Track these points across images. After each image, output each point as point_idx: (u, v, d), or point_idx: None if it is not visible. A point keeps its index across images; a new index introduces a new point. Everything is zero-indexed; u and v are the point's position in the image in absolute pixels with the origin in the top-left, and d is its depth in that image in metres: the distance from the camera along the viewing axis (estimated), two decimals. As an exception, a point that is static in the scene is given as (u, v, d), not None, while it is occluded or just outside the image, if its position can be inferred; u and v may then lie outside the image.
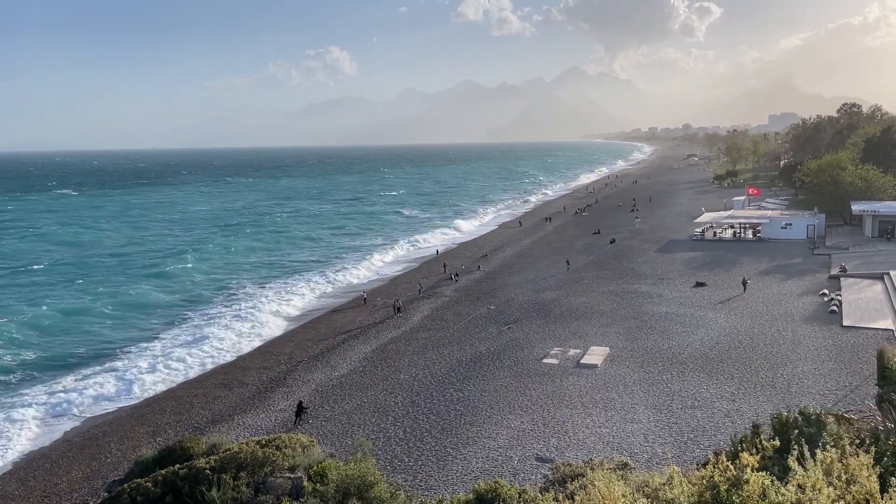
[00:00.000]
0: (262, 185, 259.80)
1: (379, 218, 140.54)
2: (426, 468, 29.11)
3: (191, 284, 77.39)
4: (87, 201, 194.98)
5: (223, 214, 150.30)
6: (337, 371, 44.18)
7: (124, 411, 40.54)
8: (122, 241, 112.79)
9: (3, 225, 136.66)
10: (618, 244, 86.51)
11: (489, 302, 60.40)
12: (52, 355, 51.84)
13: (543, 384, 38.29)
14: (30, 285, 78.25)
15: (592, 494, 11.27)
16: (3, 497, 30.35)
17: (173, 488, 15.42)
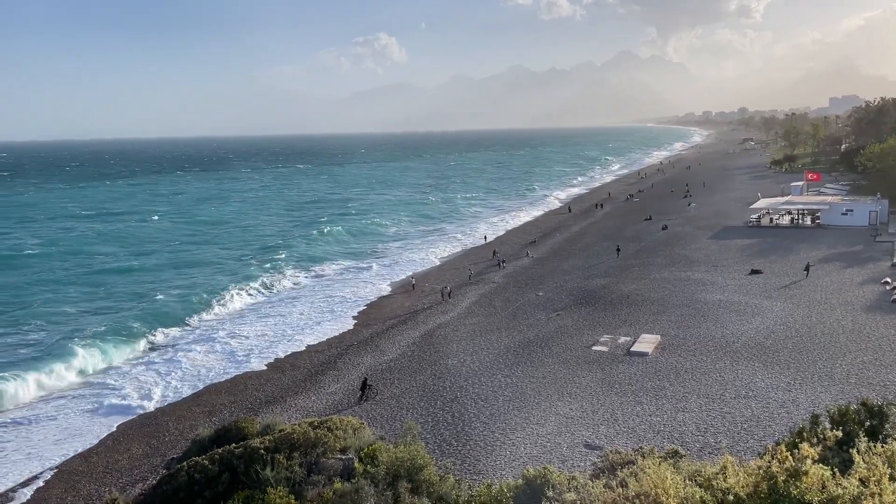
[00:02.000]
0: (322, 172, 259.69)
1: (439, 205, 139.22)
2: (474, 453, 29.23)
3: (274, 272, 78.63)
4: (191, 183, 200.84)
5: (298, 203, 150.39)
6: (386, 355, 44.62)
7: (182, 391, 41.71)
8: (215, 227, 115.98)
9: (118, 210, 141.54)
10: (670, 230, 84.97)
11: (538, 288, 60.09)
12: (125, 333, 53.49)
13: (593, 371, 37.99)
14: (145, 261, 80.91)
15: (644, 482, 11.15)
16: (68, 472, 31.63)
17: (229, 467, 15.83)
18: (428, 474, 15.81)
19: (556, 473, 15.06)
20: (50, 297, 65.81)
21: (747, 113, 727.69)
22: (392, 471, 15.65)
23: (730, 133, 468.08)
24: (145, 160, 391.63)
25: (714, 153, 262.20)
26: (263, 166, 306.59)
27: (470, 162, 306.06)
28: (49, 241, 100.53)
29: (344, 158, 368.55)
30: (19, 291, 68.83)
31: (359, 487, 14.62)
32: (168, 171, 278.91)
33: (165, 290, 67.79)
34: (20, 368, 44.28)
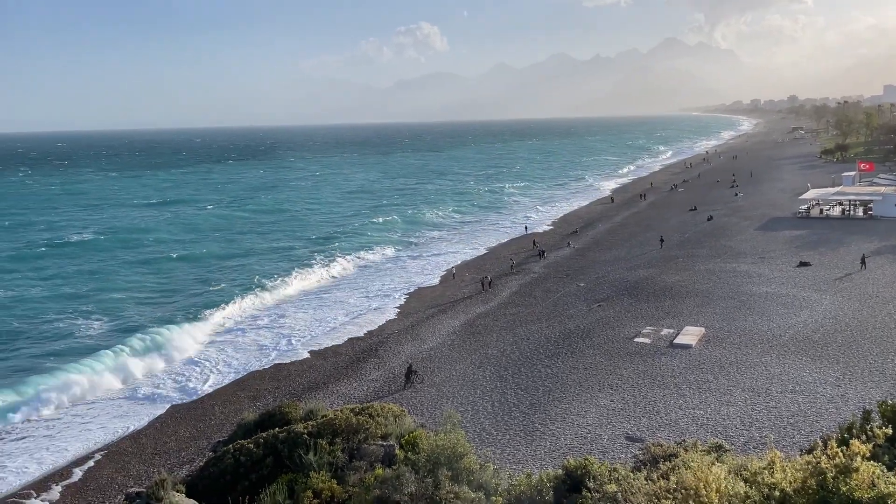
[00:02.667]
0: (369, 161, 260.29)
1: (485, 195, 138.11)
2: (514, 442, 29.26)
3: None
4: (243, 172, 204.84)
5: (347, 192, 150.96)
6: (426, 344, 44.86)
7: (228, 376, 42.59)
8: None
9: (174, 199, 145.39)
10: (715, 221, 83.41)
11: (579, 279, 59.64)
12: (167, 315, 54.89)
13: (635, 363, 37.62)
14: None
15: (686, 476, 11.03)
16: (118, 452, 32.64)
17: (273, 450, 16.13)
18: (468, 462, 15.85)
19: (596, 464, 14.97)
20: (108, 284, 67.48)
21: (797, 101, 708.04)
22: (432, 458, 15.73)
23: (779, 122, 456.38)
24: (195, 150, 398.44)
25: (762, 142, 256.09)
26: (310, 156, 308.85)
27: (515, 151, 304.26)
28: (110, 227, 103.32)
29: (388, 148, 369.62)
30: (84, 277, 70.73)
31: (400, 474, 14.74)
32: (217, 161, 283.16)
33: (218, 277, 69.41)
34: (78, 352, 45.77)
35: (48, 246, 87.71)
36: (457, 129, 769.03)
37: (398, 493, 14.42)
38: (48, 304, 59.86)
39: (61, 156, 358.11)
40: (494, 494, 14.82)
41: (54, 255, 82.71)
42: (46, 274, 72.43)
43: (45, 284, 67.85)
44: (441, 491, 14.56)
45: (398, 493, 14.42)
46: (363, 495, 14.47)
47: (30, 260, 79.82)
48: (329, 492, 14.55)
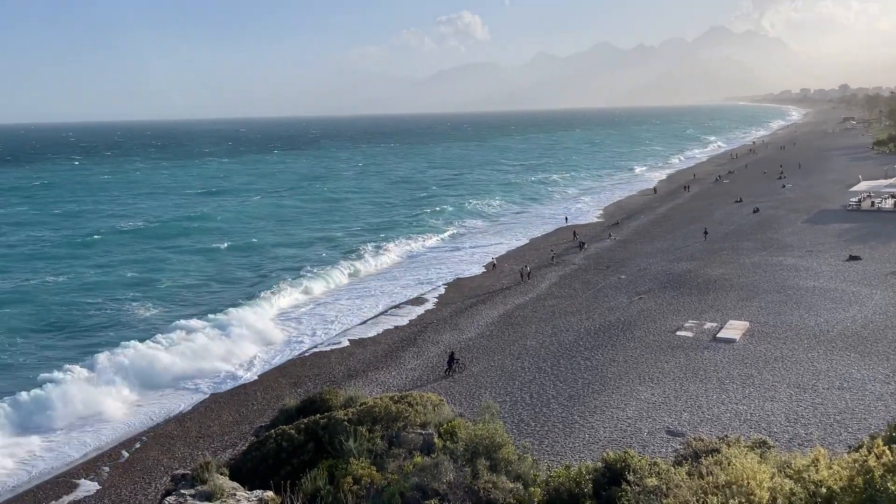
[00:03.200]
0: (412, 152, 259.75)
1: (530, 186, 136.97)
2: (552, 434, 29.17)
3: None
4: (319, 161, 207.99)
5: (393, 183, 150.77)
6: (465, 334, 44.93)
7: (270, 362, 43.29)
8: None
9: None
10: (762, 213, 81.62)
11: (620, 271, 59.01)
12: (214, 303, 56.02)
13: (676, 357, 37.13)
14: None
15: (728, 472, 10.88)
16: (164, 435, 33.50)
17: (314, 436, 16.37)
18: (506, 453, 15.89)
19: (636, 458, 14.86)
20: (160, 272, 68.73)
21: (849, 90, 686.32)
22: (471, 448, 15.81)
23: (829, 112, 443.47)
24: (240, 139, 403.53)
25: (811, 133, 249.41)
26: (353, 146, 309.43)
27: (560, 141, 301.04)
28: (161, 216, 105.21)
29: (431, 138, 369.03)
30: (136, 264, 72.05)
31: (438, 462, 14.84)
32: (261, 151, 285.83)
33: (266, 265, 70.40)
34: (130, 336, 47.01)
35: (101, 233, 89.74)
36: (498, 119, 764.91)
37: (437, 481, 14.53)
38: (105, 291, 60.92)
39: (112, 145, 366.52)
40: (532, 485, 14.82)
41: (108, 242, 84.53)
42: (101, 261, 73.90)
43: (100, 270, 69.33)
44: (479, 480, 14.63)
45: (437, 481, 14.53)
46: (402, 482, 14.60)
47: (84, 247, 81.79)
48: (368, 478, 14.72)
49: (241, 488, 14.47)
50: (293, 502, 13.47)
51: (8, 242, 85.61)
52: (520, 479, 15.15)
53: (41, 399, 36.17)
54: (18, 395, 36.56)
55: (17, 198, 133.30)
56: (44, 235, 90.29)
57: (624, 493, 13.14)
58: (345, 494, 14.19)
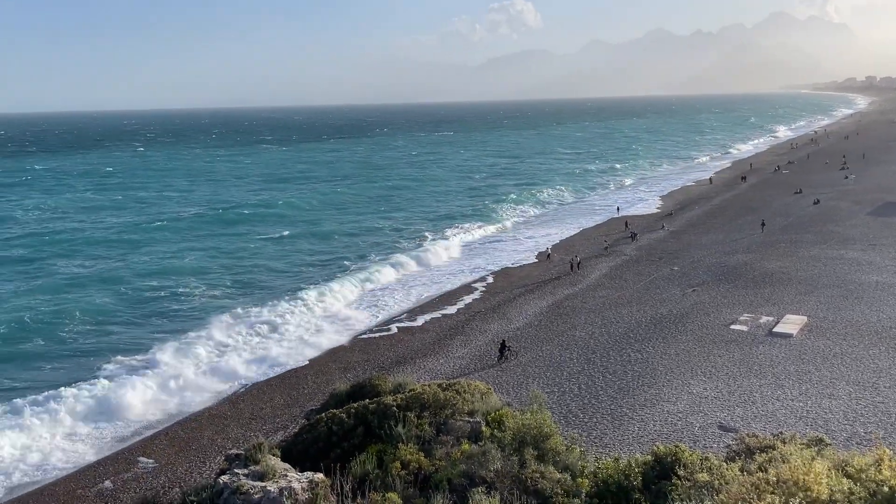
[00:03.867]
0: (469, 140, 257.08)
1: (589, 176, 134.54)
2: (601, 426, 28.93)
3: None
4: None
5: (453, 172, 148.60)
6: (513, 324, 44.82)
7: (321, 347, 43.94)
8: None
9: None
10: (822, 205, 79.03)
11: (672, 263, 57.97)
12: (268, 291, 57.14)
13: (730, 351, 36.35)
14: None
15: (783, 469, 10.60)
16: (217, 416, 34.42)
17: (364, 421, 16.56)
18: (554, 443, 15.80)
19: (687, 452, 14.60)
20: (224, 259, 69.89)
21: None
22: (518, 437, 15.78)
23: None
24: (294, 128, 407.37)
25: (877, 122, 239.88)
26: (408, 134, 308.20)
27: (617, 129, 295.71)
28: (226, 203, 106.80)
29: (485, 126, 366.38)
30: (203, 252, 72.95)
31: (486, 450, 14.86)
32: (318, 139, 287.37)
33: (328, 252, 71.28)
34: (201, 321, 48.59)
35: (165, 220, 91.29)
36: (551, 107, 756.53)
37: (484, 469, 14.56)
38: (172, 276, 62.10)
39: (171, 133, 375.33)
40: (580, 476, 14.72)
41: (171, 228, 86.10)
42: (168, 247, 75.06)
43: (168, 256, 70.58)
44: (527, 470, 14.60)
45: (484, 469, 14.56)
46: (449, 469, 14.67)
47: (153, 232, 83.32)
48: (416, 464, 14.83)
49: (293, 469, 14.75)
50: (343, 485, 13.66)
51: (84, 227, 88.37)
52: (567, 470, 15.07)
53: (116, 383, 37.62)
54: (93, 379, 38.17)
55: (88, 184, 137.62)
56: (121, 220, 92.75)
57: (674, 488, 12.94)
58: (393, 479, 14.33)
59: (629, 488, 13.90)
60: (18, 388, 37.49)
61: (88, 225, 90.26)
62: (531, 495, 13.99)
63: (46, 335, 46.54)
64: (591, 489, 14.32)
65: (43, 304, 52.90)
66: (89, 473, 29.35)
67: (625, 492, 13.88)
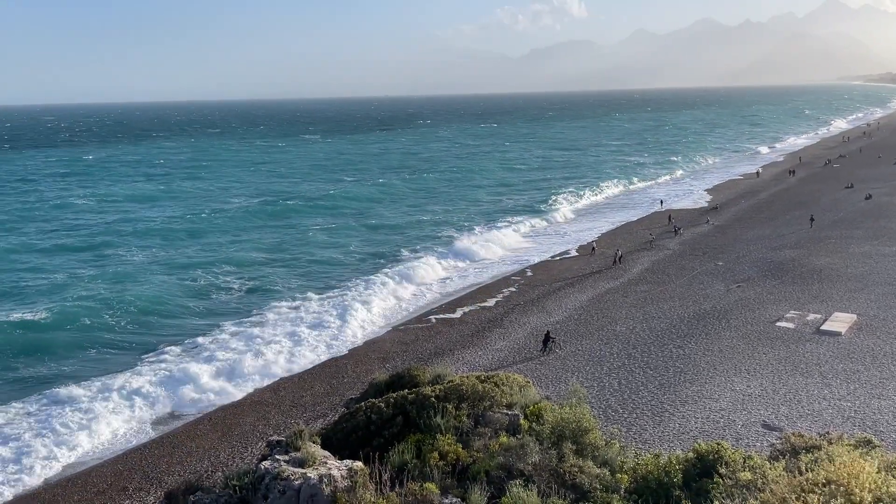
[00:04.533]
0: (515, 131, 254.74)
1: (638, 168, 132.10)
2: (641, 421, 28.63)
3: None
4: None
5: (505, 165, 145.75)
6: (552, 317, 44.55)
7: (360, 338, 44.35)
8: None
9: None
10: (875, 200, 76.67)
11: (717, 258, 56.93)
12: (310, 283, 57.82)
13: (776, 349, 35.58)
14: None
15: (833, 469, 10.36)
16: (259, 403, 35.00)
17: (403, 411, 16.68)
18: (593, 438, 15.71)
19: (729, 451, 14.38)
20: (285, 251, 70.53)
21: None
22: (557, 430, 15.72)
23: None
24: (335, 119, 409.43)
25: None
26: (454, 125, 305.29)
27: (667, 121, 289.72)
28: (283, 194, 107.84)
29: (531, 117, 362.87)
30: (264, 243, 73.91)
31: (524, 443, 14.84)
32: (360, 131, 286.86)
33: (375, 246, 71.47)
34: (250, 310, 49.66)
35: (219, 210, 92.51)
36: (596, 98, 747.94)
37: (522, 461, 14.55)
38: (235, 266, 62.83)
39: (215, 124, 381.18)
40: (620, 472, 14.61)
41: (226, 218, 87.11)
42: (226, 238, 75.93)
43: (230, 246, 71.57)
44: (565, 464, 14.54)
45: (522, 461, 14.55)
46: (487, 461, 14.70)
47: (205, 222, 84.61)
48: (454, 455, 14.88)
49: (332, 457, 14.94)
50: (381, 474, 13.81)
51: (140, 216, 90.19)
52: (606, 465, 14.97)
53: (171, 369, 38.81)
54: (149, 364, 39.56)
55: (141, 174, 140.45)
56: (175, 210, 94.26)
57: (715, 486, 12.77)
58: (431, 469, 14.41)
59: (669, 485, 13.76)
60: (64, 375, 38.60)
61: (144, 214, 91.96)
62: (569, 489, 13.94)
63: (104, 321, 47.60)
64: (631, 485, 14.21)
65: (102, 290, 54.15)
66: (136, 455, 30.13)
67: (665, 489, 13.74)
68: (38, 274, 60.96)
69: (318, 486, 13.42)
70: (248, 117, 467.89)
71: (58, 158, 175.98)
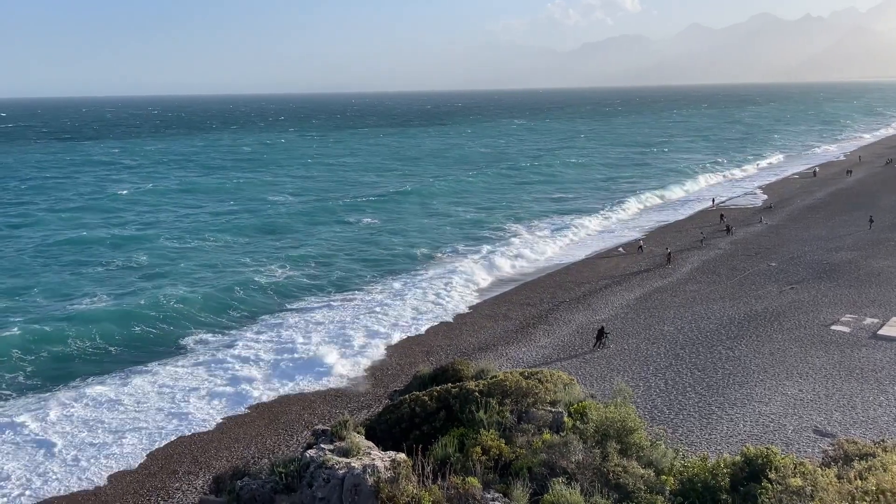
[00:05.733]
0: (575, 127, 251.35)
1: (696, 167, 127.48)
2: (687, 423, 28.18)
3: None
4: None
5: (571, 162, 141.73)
6: (598, 315, 44.11)
7: (408, 331, 44.50)
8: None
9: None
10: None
11: (769, 258, 55.55)
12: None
13: (829, 353, 34.60)
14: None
15: (883, 479, 10.05)
16: (306, 392, 35.55)
17: (446, 404, 16.75)
18: (638, 438, 15.52)
19: (779, 456, 14.05)
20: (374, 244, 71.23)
21: None
22: (601, 429, 15.57)
23: None
24: (392, 114, 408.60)
25: None
26: (511, 121, 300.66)
27: (724, 116, 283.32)
28: (352, 191, 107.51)
29: (586, 113, 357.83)
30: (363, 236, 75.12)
31: (568, 441, 14.75)
32: (419, 125, 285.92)
33: (430, 244, 71.07)
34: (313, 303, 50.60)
35: (285, 205, 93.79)
36: (649, 93, 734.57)
37: (565, 459, 14.47)
38: (296, 262, 62.71)
39: (272, 115, 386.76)
40: (665, 473, 14.42)
41: (292, 213, 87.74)
42: (293, 235, 75.97)
43: (296, 242, 71.94)
44: (609, 463, 14.41)
45: (565, 459, 14.47)
46: (530, 458, 14.66)
47: (272, 217, 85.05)
48: (497, 450, 14.88)
49: (376, 448, 15.10)
50: (424, 466, 13.89)
51: (209, 209, 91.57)
52: (651, 466, 14.79)
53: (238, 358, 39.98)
54: (221, 352, 40.78)
55: (216, 165, 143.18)
56: (244, 204, 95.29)
57: (764, 491, 12.50)
58: (473, 464, 14.44)
59: (716, 489, 13.54)
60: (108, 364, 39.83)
61: (213, 207, 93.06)
62: (612, 489, 13.82)
63: (176, 311, 48.48)
64: (676, 487, 14.02)
65: (173, 281, 55.83)
66: (186, 440, 30.94)
67: (711, 492, 13.52)
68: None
69: (362, 475, 13.58)
70: (300, 112, 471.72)
71: (121, 150, 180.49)
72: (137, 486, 27.13)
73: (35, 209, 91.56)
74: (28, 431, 31.38)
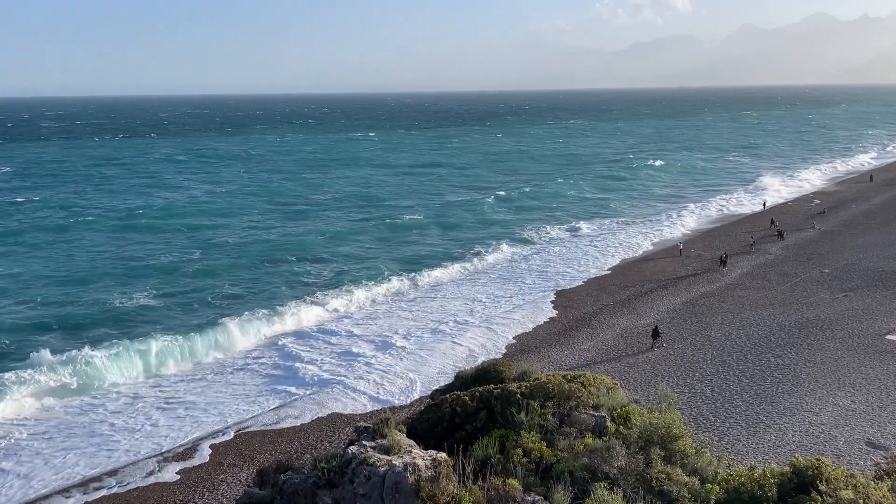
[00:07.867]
0: (618, 129, 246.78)
1: (734, 170, 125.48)
2: (734, 431, 27.61)
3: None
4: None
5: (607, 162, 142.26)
6: (643, 319, 43.52)
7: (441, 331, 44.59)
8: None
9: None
10: None
11: (822, 264, 54.05)
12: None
13: (885, 363, 33.51)
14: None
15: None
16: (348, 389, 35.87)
17: (487, 405, 16.70)
18: (683, 445, 15.24)
19: (830, 467, 13.64)
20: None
21: None
22: (645, 435, 15.33)
23: None
24: (432, 112, 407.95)
25: None
26: (569, 122, 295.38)
27: (774, 120, 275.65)
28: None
29: (645, 114, 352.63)
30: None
31: (610, 446, 14.57)
32: (462, 124, 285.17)
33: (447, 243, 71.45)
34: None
35: (329, 201, 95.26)
36: (698, 95, 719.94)
37: (607, 464, 14.30)
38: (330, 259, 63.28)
39: (312, 115, 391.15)
40: (710, 482, 14.14)
41: (334, 207, 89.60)
42: (335, 229, 76.33)
43: (337, 238, 72.21)
44: (652, 469, 14.20)
45: (607, 464, 14.30)
46: (572, 461, 14.53)
47: (312, 213, 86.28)
48: (538, 453, 14.78)
49: (417, 446, 15.14)
50: (465, 466, 13.88)
51: (258, 205, 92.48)
52: (696, 474, 14.52)
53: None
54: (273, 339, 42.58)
55: (241, 163, 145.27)
56: (286, 199, 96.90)
57: (813, 503, 12.17)
58: (514, 465, 14.36)
59: (763, 499, 13.23)
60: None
61: (261, 205, 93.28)
62: (656, 496, 13.61)
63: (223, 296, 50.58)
64: (721, 496, 13.74)
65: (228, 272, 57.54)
66: (243, 434, 31.57)
67: (757, 502, 13.22)
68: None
69: (403, 473, 13.64)
70: (346, 110, 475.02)
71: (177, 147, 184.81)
72: (184, 477, 27.77)
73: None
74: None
